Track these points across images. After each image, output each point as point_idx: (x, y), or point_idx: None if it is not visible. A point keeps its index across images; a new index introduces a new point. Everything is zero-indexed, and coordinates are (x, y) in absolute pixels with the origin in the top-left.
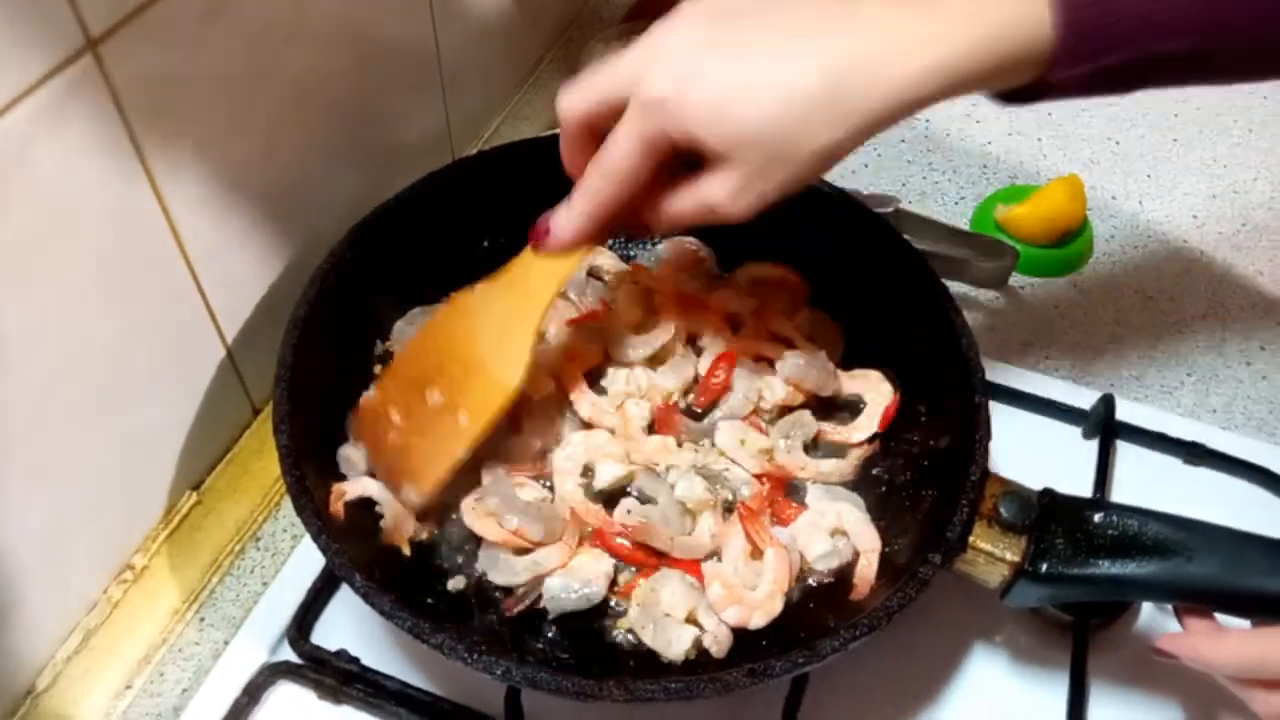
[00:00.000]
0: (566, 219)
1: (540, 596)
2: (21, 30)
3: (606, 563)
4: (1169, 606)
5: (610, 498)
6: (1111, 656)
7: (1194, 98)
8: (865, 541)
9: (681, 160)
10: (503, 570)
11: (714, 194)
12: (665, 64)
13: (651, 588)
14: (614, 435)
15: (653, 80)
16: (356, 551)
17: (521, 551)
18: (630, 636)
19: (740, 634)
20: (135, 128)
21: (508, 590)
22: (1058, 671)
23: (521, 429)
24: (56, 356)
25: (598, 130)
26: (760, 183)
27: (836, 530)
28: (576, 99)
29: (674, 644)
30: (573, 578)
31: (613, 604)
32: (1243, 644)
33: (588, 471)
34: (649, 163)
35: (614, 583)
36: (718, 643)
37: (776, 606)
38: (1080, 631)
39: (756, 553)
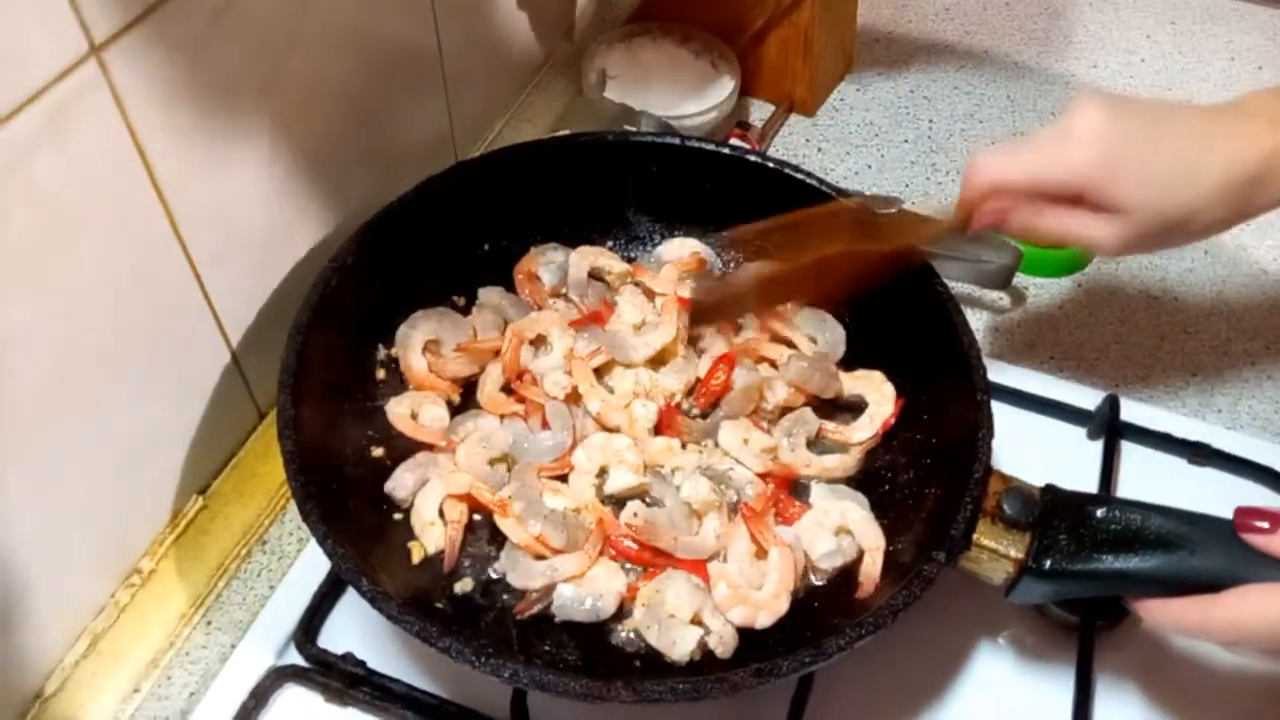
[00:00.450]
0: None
1: (551, 602)
2: (26, 36)
3: (620, 580)
4: None
5: (621, 500)
6: (1117, 657)
7: (1199, 97)
8: (870, 539)
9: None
10: (521, 573)
11: (1098, 235)
12: (1121, 166)
13: (656, 589)
14: (636, 442)
15: (1117, 187)
16: (363, 555)
17: (541, 556)
18: (634, 637)
19: (746, 634)
20: (139, 132)
21: (520, 593)
22: (1063, 671)
23: (547, 425)
24: (61, 360)
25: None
26: (1142, 238)
27: (841, 529)
28: (1009, 172)
29: (679, 645)
30: (585, 589)
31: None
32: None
33: (603, 472)
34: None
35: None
36: (723, 643)
37: (782, 606)
38: (1086, 632)
39: (761, 552)
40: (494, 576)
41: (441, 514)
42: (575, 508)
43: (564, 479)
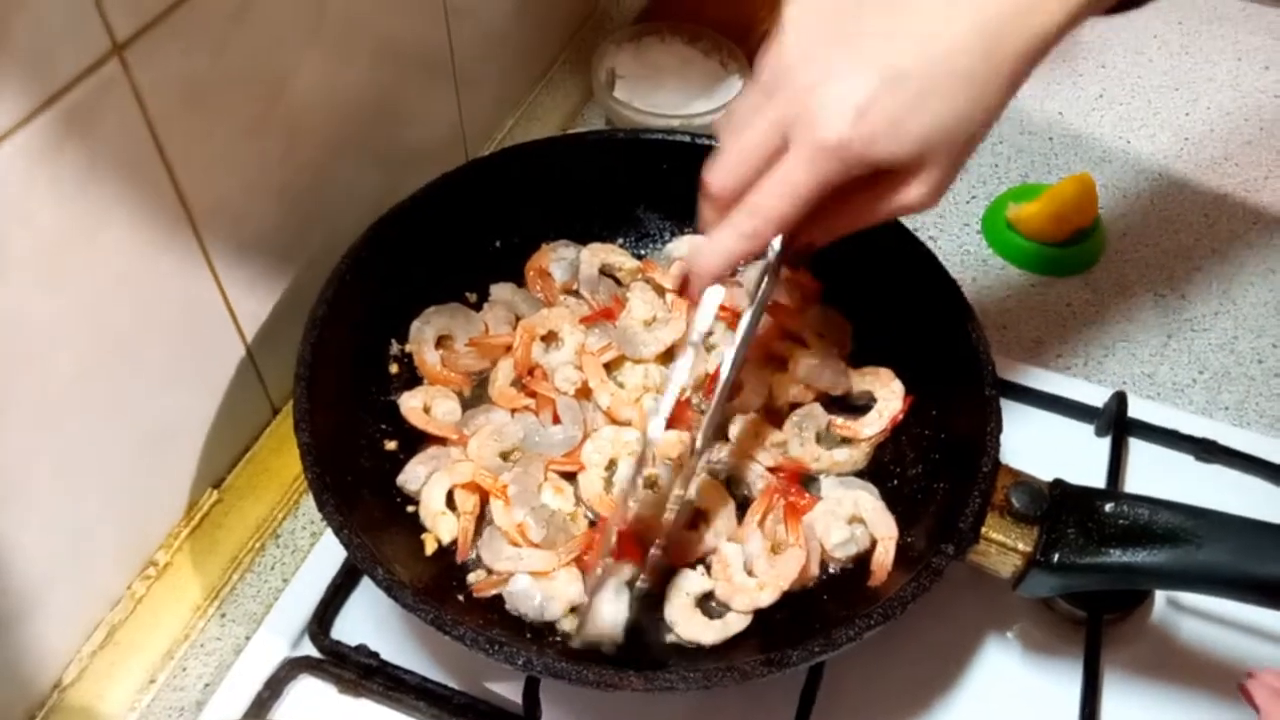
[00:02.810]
0: (715, 259)
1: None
2: (52, 35)
3: (576, 589)
4: (1183, 602)
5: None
6: (1125, 650)
7: (1205, 97)
8: (882, 529)
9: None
10: (490, 550)
11: (912, 200)
12: (824, 98)
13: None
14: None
15: (823, 123)
16: (377, 546)
17: (516, 544)
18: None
19: (757, 621)
20: (159, 130)
21: (490, 570)
22: (1071, 665)
23: (559, 420)
24: (81, 355)
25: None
26: (955, 170)
27: (854, 518)
28: (727, 176)
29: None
30: (540, 587)
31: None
32: None
33: (612, 465)
34: (818, 200)
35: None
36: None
37: (764, 600)
38: (1094, 625)
39: (776, 547)
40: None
41: (453, 505)
42: (570, 513)
43: (572, 477)
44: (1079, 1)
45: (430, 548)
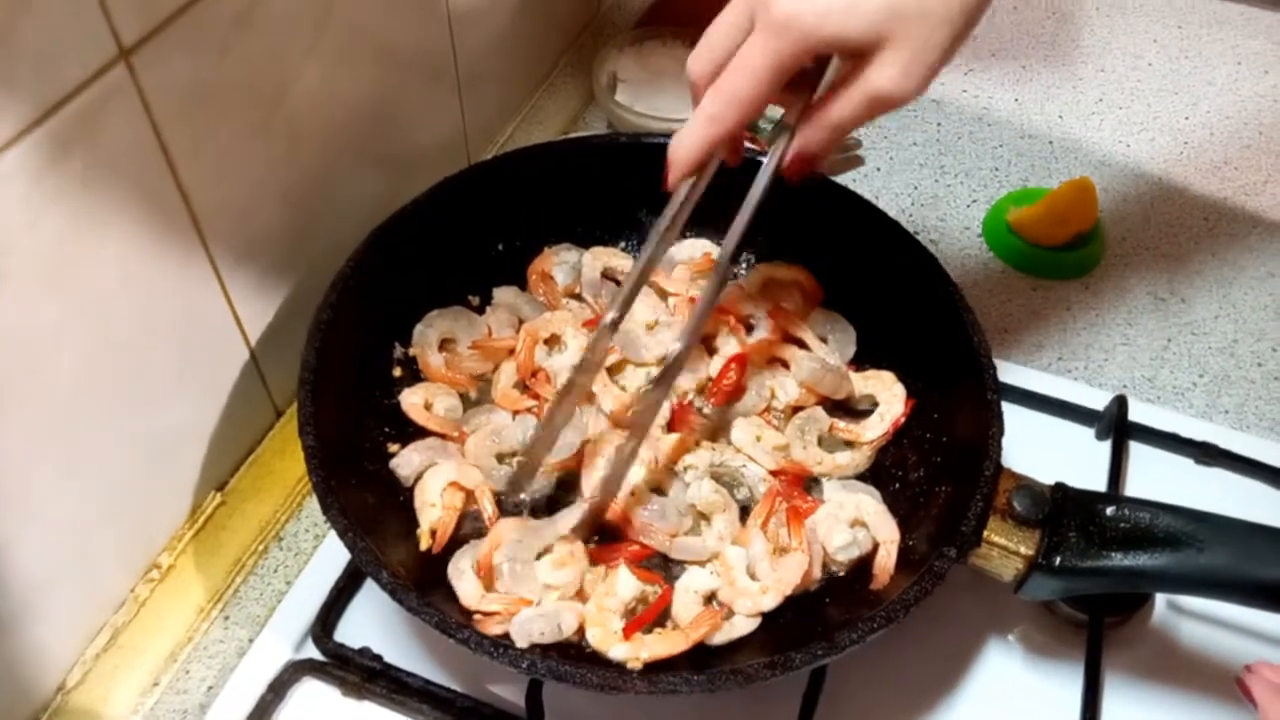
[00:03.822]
0: (688, 143)
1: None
2: (60, 40)
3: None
4: (1184, 604)
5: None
6: (1126, 654)
7: (1205, 101)
8: (884, 532)
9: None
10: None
11: (882, 83)
12: None
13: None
14: (647, 439)
15: (775, 0)
16: (380, 549)
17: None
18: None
19: (761, 626)
20: (164, 134)
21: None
22: (1072, 668)
23: (554, 421)
24: (85, 358)
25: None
26: (927, 52)
27: (856, 521)
28: (701, 61)
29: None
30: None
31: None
32: None
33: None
34: (780, 82)
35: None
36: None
37: (767, 604)
38: (1095, 628)
39: (779, 551)
40: None
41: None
42: (566, 594)
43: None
44: None
45: (425, 543)
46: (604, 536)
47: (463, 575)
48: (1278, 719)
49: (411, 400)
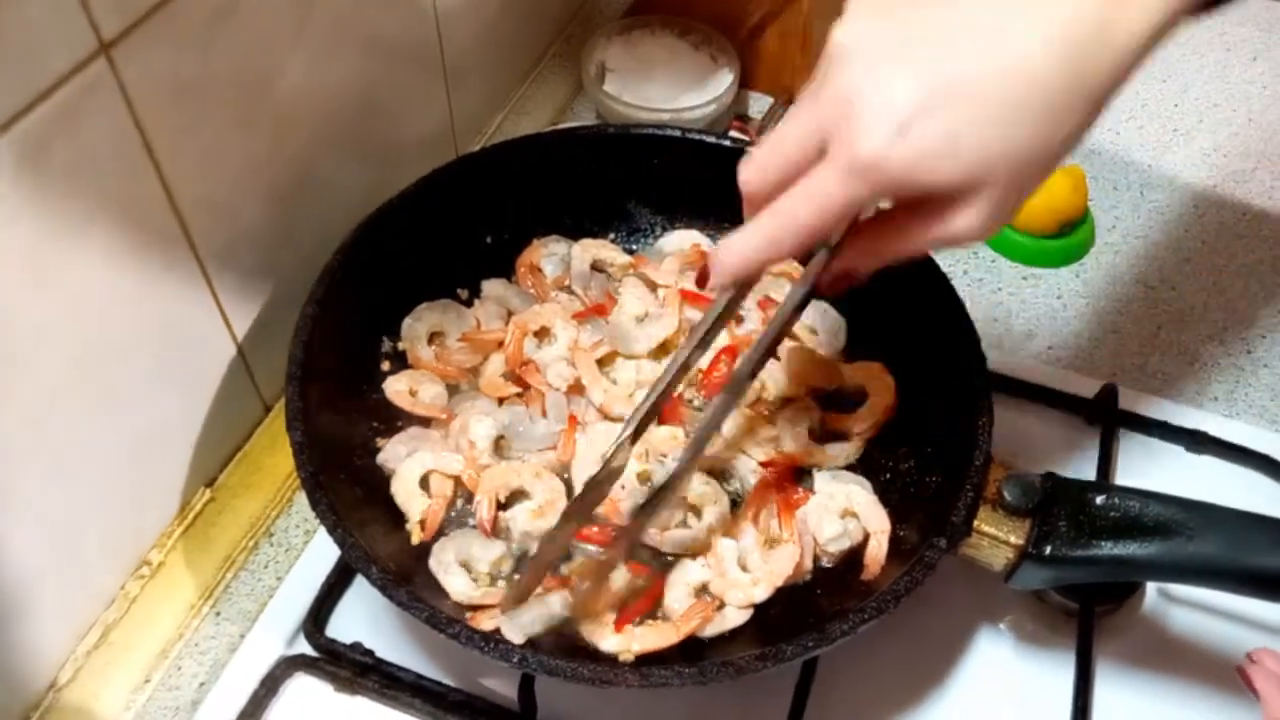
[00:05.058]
0: (738, 255)
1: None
2: (39, 34)
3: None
4: (1174, 592)
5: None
6: (1117, 642)
7: (1193, 88)
8: (875, 522)
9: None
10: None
11: (963, 228)
12: (865, 106)
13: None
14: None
15: (861, 135)
16: (370, 545)
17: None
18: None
19: (751, 618)
20: (146, 128)
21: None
22: (1063, 656)
23: (546, 414)
24: (71, 355)
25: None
26: (1015, 198)
27: (847, 512)
28: (756, 173)
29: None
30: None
31: None
32: None
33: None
34: (852, 219)
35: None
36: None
37: (757, 596)
38: (1086, 617)
39: (770, 542)
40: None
41: (427, 487)
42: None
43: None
44: (1166, 8)
45: (416, 538)
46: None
47: (448, 570)
48: None
49: (396, 388)
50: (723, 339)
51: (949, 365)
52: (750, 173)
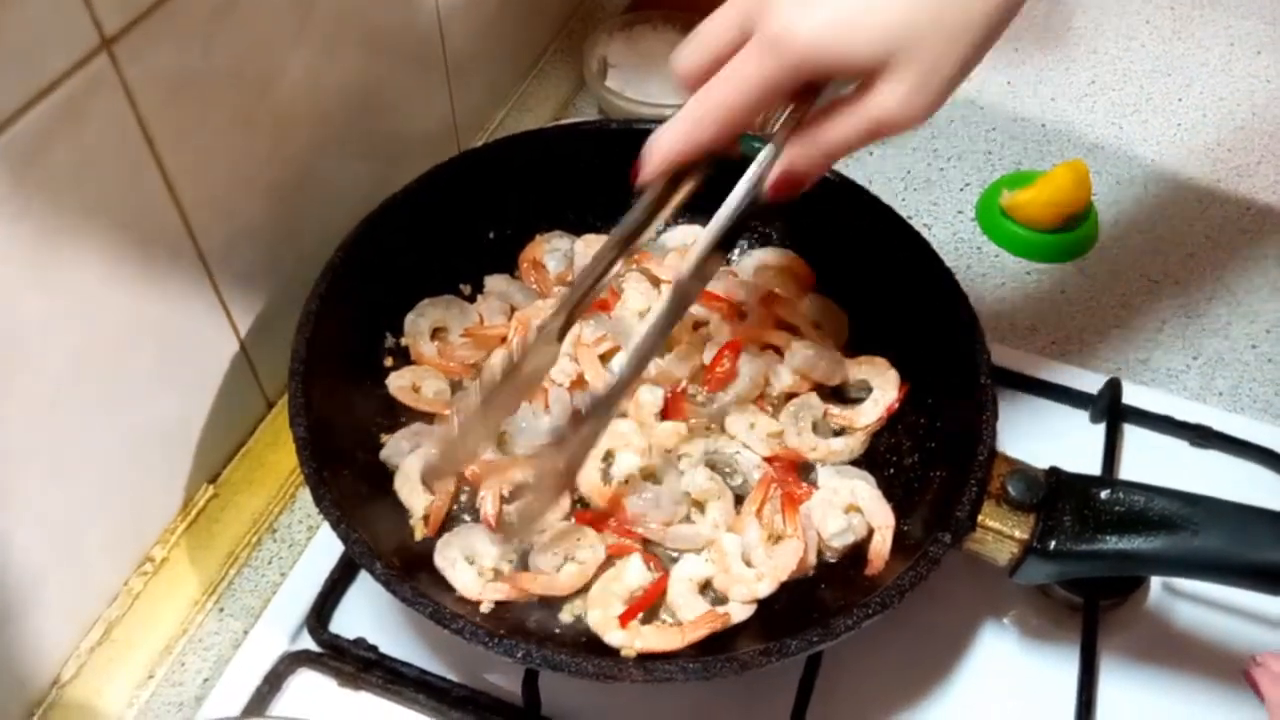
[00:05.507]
0: (665, 141)
1: None
2: (41, 30)
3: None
4: (1179, 587)
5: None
6: (1121, 636)
7: (1197, 82)
8: (879, 517)
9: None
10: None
11: (886, 107)
12: None
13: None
14: (641, 427)
15: (772, 13)
16: (374, 540)
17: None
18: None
19: (756, 613)
20: (148, 124)
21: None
22: (1068, 651)
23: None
24: (73, 351)
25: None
26: (938, 73)
27: (851, 507)
28: (687, 59)
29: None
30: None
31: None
32: None
33: (609, 456)
34: (772, 99)
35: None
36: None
37: (761, 591)
38: (1090, 611)
39: (774, 538)
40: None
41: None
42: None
43: None
44: None
45: (419, 533)
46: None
47: (454, 565)
48: None
49: (399, 383)
50: (725, 334)
51: (953, 359)
52: (686, 61)
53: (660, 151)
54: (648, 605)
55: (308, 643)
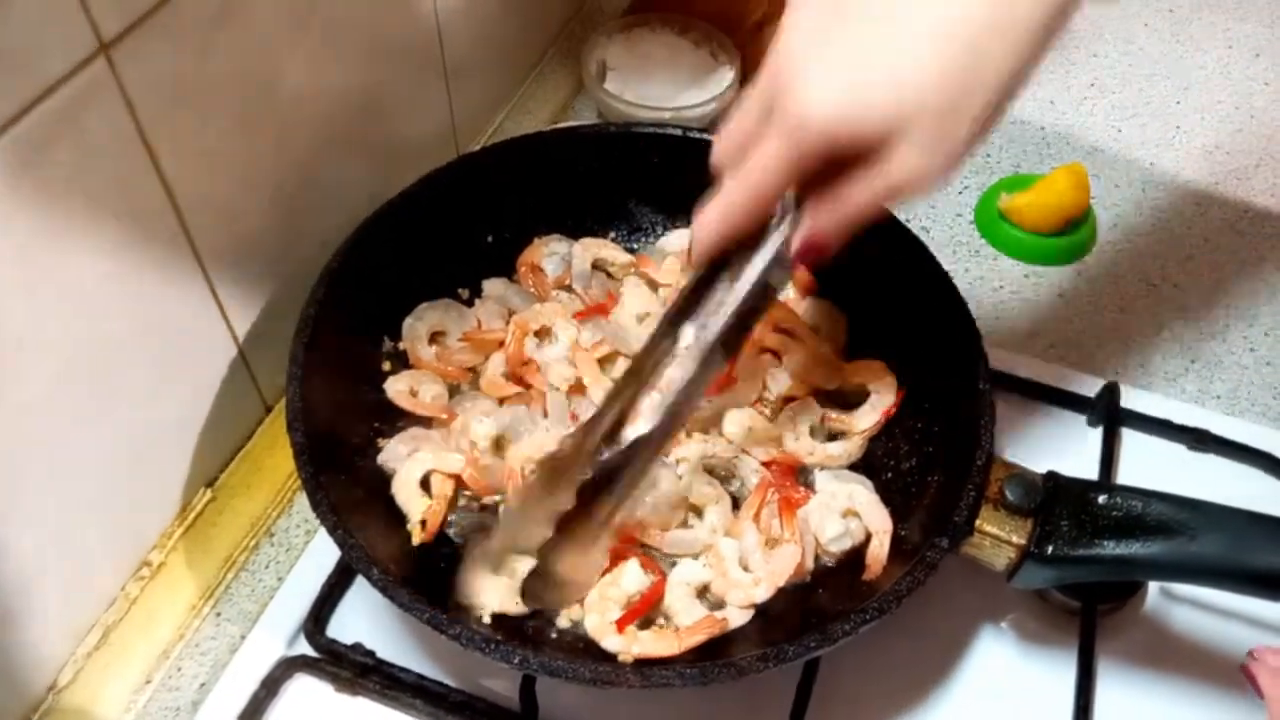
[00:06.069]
0: (709, 226)
1: None
2: (38, 34)
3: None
4: (1177, 591)
5: None
6: (1119, 641)
7: (1195, 85)
8: (877, 522)
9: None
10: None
11: (903, 172)
12: (795, 73)
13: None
14: None
15: (790, 98)
16: (371, 546)
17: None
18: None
19: (753, 619)
20: (146, 129)
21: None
22: (1065, 656)
23: (548, 414)
24: (70, 356)
25: None
26: (948, 138)
27: (848, 511)
28: (720, 151)
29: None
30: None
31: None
32: None
33: None
34: (801, 176)
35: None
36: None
37: (759, 595)
38: (1088, 616)
39: (771, 542)
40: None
41: (428, 487)
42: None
43: None
44: None
45: (417, 538)
46: None
47: (477, 595)
48: None
49: (397, 387)
50: None
51: (951, 363)
52: (721, 152)
53: (703, 242)
54: (645, 610)
55: (305, 648)
